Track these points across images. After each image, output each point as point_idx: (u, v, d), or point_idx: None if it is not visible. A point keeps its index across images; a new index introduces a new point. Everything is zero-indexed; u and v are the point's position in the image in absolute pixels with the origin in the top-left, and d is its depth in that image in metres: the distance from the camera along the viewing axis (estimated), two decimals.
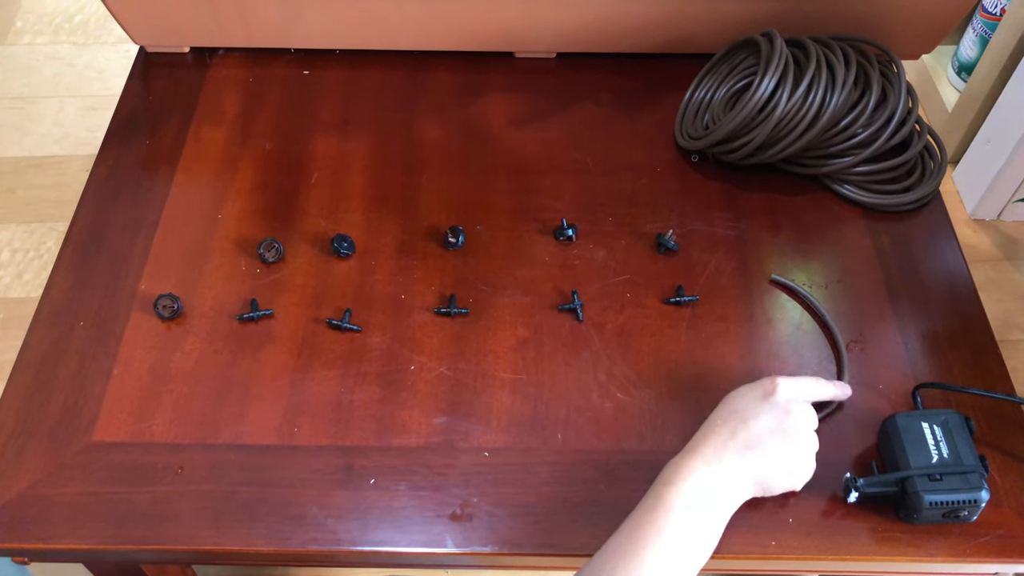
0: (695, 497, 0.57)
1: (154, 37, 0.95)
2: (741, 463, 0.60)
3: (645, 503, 0.58)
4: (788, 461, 0.61)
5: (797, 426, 0.62)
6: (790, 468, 0.62)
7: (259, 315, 0.74)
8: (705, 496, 0.58)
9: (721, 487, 0.59)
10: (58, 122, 1.61)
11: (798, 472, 0.62)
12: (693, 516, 0.57)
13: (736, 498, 0.60)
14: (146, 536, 0.62)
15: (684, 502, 0.57)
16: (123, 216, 0.81)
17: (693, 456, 0.60)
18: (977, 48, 1.48)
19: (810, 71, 0.77)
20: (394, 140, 0.88)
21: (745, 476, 0.60)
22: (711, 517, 0.58)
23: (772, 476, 0.61)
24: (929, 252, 0.80)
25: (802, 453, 0.62)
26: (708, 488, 0.58)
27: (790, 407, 0.62)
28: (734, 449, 0.60)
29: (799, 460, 0.62)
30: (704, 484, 0.58)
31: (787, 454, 0.61)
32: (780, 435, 0.61)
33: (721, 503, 0.59)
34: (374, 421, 0.68)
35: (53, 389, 0.69)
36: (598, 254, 0.79)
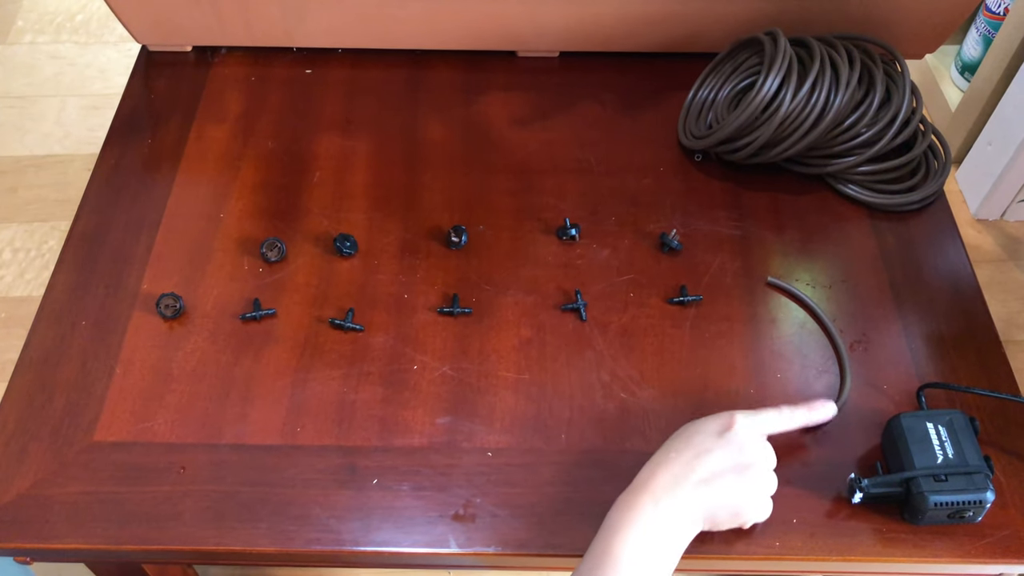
0: (643, 544, 0.55)
1: (156, 36, 0.94)
2: (693, 498, 0.57)
3: (594, 551, 0.56)
4: (741, 499, 0.59)
5: (753, 464, 0.60)
6: (742, 507, 0.60)
7: (261, 315, 0.73)
8: (654, 540, 0.56)
9: (670, 527, 0.57)
10: (60, 121, 1.61)
11: (750, 511, 0.60)
12: (641, 567, 0.55)
13: (686, 535, 0.58)
14: (148, 536, 0.62)
15: (632, 553, 0.55)
16: (125, 215, 0.81)
17: (642, 493, 0.57)
18: (980, 48, 1.48)
19: (814, 70, 0.77)
20: (397, 139, 0.88)
21: (696, 511, 0.58)
22: (661, 561, 0.56)
23: (723, 513, 0.59)
24: (933, 252, 0.80)
25: (756, 492, 0.60)
26: (657, 530, 0.56)
27: (746, 445, 0.60)
28: (687, 485, 0.58)
29: (752, 499, 0.60)
30: (653, 526, 0.56)
31: (740, 492, 0.59)
32: (735, 473, 0.59)
33: (670, 544, 0.57)
34: (377, 421, 0.68)
35: (55, 389, 0.69)
36: (601, 254, 0.79)
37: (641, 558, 0.55)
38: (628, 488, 0.59)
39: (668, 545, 0.57)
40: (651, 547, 0.56)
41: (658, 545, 0.56)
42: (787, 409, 0.64)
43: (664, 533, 0.57)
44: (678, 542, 0.58)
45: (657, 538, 0.56)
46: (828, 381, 0.71)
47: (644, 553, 0.56)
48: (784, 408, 0.64)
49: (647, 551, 0.56)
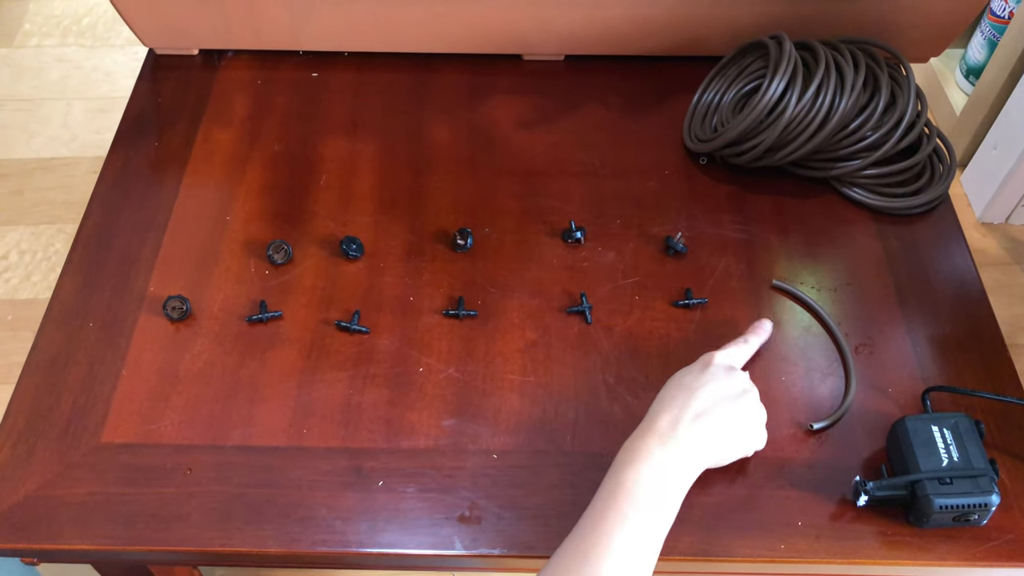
0: (654, 478, 0.58)
1: (163, 39, 0.95)
2: (694, 433, 0.60)
3: (605, 488, 0.58)
4: (738, 426, 0.63)
5: (743, 392, 0.64)
6: (740, 433, 0.63)
7: (268, 317, 0.74)
8: (663, 475, 0.59)
9: (678, 462, 0.59)
10: (66, 124, 1.62)
11: (748, 437, 0.64)
12: (654, 497, 0.58)
13: (692, 471, 0.60)
14: (154, 537, 0.62)
15: (644, 484, 0.58)
16: (132, 218, 0.81)
17: (648, 435, 0.60)
18: (985, 51, 1.48)
19: (819, 74, 0.77)
20: (402, 142, 0.88)
21: (699, 447, 0.60)
22: (670, 494, 0.59)
23: (723, 442, 0.62)
24: (938, 255, 0.80)
25: (751, 418, 0.64)
26: (665, 466, 0.59)
27: (731, 376, 0.64)
28: (685, 421, 0.61)
29: (748, 424, 0.63)
30: (661, 463, 0.59)
31: (736, 419, 0.62)
32: (727, 401, 0.62)
33: (679, 479, 0.59)
34: (383, 423, 0.68)
35: (62, 390, 0.69)
36: (606, 256, 0.79)
37: (654, 490, 0.58)
38: (632, 436, 0.61)
39: (677, 480, 0.59)
40: (662, 481, 0.58)
41: (668, 479, 0.59)
42: (744, 338, 0.70)
43: (672, 471, 0.59)
44: (685, 477, 0.60)
45: (667, 472, 0.59)
46: (833, 384, 0.71)
47: (656, 485, 0.58)
48: (744, 338, 0.70)
49: (658, 484, 0.58)
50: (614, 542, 0.55)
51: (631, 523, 0.56)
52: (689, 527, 0.63)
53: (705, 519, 0.64)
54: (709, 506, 0.64)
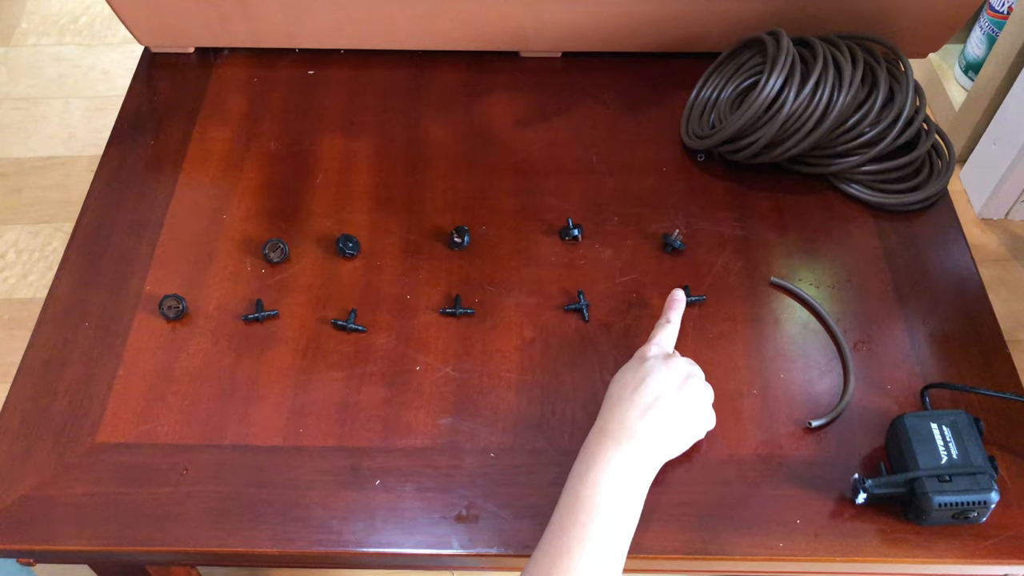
0: (613, 484, 0.58)
1: (159, 38, 0.95)
2: (646, 429, 0.60)
3: (565, 501, 0.58)
4: (688, 412, 0.63)
5: (685, 376, 0.64)
6: (691, 419, 0.63)
7: (264, 316, 0.73)
8: (621, 478, 0.59)
9: (634, 462, 0.60)
10: (63, 123, 1.62)
11: (699, 421, 0.64)
12: (614, 503, 0.58)
13: (650, 467, 0.61)
14: (151, 537, 0.62)
15: (603, 493, 0.58)
16: (128, 217, 0.81)
17: (601, 440, 0.60)
18: (984, 47, 1.48)
19: (817, 70, 0.77)
20: (399, 140, 0.88)
21: (653, 441, 0.61)
22: (631, 496, 0.59)
23: (677, 432, 0.62)
24: (937, 251, 0.80)
25: (699, 400, 0.64)
26: (623, 468, 0.59)
27: (670, 361, 0.64)
28: (634, 417, 0.61)
29: (697, 408, 0.64)
30: (618, 466, 0.59)
31: (685, 405, 0.63)
32: (673, 390, 0.62)
33: (637, 478, 0.60)
34: (380, 422, 0.68)
35: (58, 390, 0.69)
36: (604, 254, 0.79)
37: (614, 499, 0.58)
38: (585, 443, 0.61)
39: (635, 483, 0.59)
40: (619, 487, 0.58)
41: (626, 485, 0.59)
42: (666, 319, 0.69)
43: (629, 471, 0.59)
44: (644, 477, 0.60)
45: (624, 478, 0.59)
46: (832, 381, 0.71)
47: (616, 493, 0.58)
48: (665, 320, 0.69)
49: (618, 491, 0.58)
50: (580, 554, 0.55)
51: (594, 533, 0.56)
52: (687, 526, 0.63)
53: (703, 518, 0.63)
54: (707, 505, 0.64)
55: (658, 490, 0.64)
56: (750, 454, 0.67)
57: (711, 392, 0.66)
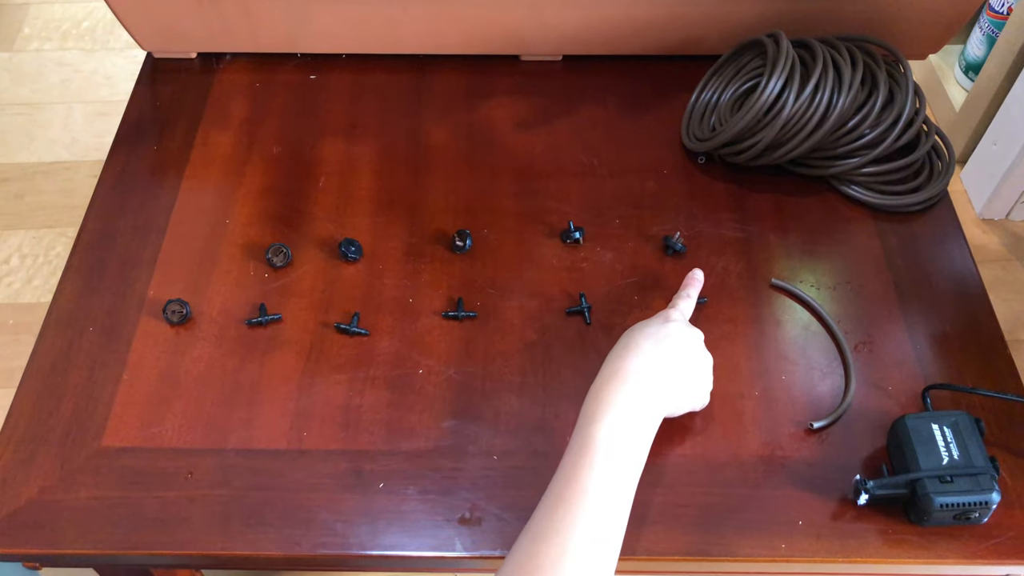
0: (621, 425, 0.58)
1: (161, 43, 0.95)
2: (657, 378, 0.62)
3: (575, 443, 0.59)
4: (695, 377, 0.65)
5: (700, 347, 0.66)
6: (696, 384, 0.66)
7: (267, 320, 0.74)
8: (630, 420, 0.59)
9: (643, 405, 0.60)
10: (66, 128, 1.62)
11: (701, 390, 0.66)
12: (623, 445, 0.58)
13: (656, 414, 0.61)
14: (156, 541, 0.62)
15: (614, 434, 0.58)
16: (132, 221, 0.81)
17: (613, 381, 0.61)
18: (984, 47, 1.48)
19: (816, 72, 0.77)
20: (400, 143, 0.88)
21: (661, 391, 0.62)
22: (639, 440, 0.59)
23: (682, 391, 0.64)
24: (937, 252, 0.80)
25: (706, 371, 0.67)
26: (631, 410, 0.59)
27: (691, 329, 0.67)
28: (650, 365, 0.62)
29: (703, 377, 0.66)
30: (627, 408, 0.59)
31: (694, 370, 0.65)
32: (688, 353, 0.65)
33: (645, 422, 0.60)
34: (383, 425, 0.68)
35: (63, 395, 0.70)
36: (605, 256, 0.79)
37: (621, 440, 0.58)
38: (595, 385, 0.62)
39: (643, 426, 0.60)
40: (628, 430, 0.59)
41: (634, 427, 0.59)
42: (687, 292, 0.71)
43: (638, 414, 0.60)
44: (651, 423, 0.61)
45: (632, 420, 0.59)
46: (833, 382, 0.71)
47: (623, 435, 0.58)
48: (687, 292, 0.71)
49: (625, 434, 0.59)
50: (588, 491, 0.56)
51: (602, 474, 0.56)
52: (689, 527, 0.63)
53: (705, 519, 0.64)
54: (709, 506, 0.64)
55: (660, 491, 0.65)
56: (752, 455, 0.67)
57: (711, 360, 0.68)
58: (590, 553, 0.54)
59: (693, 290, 0.72)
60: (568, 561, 0.53)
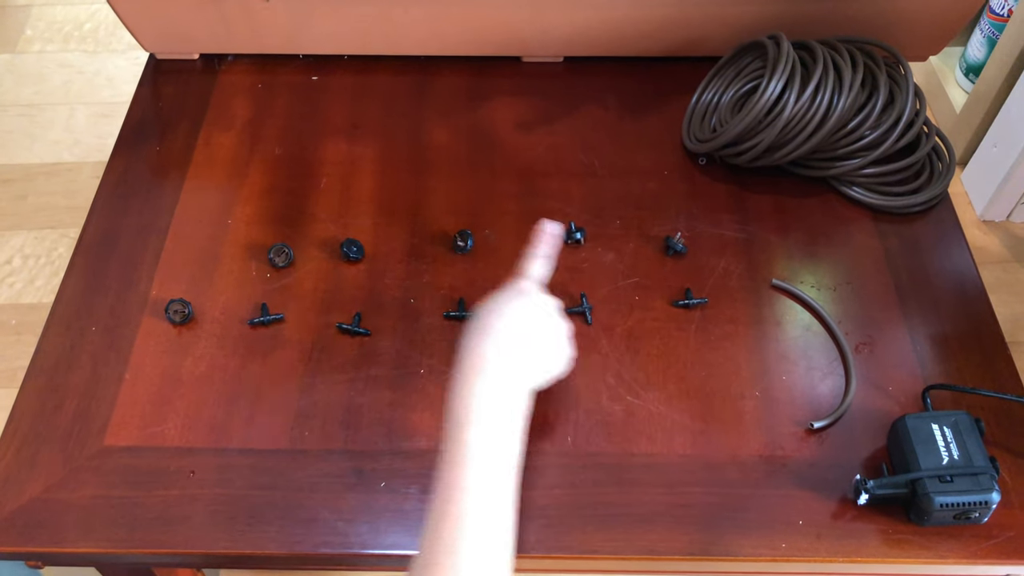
0: (490, 424, 0.57)
1: (164, 44, 0.95)
2: (509, 357, 0.60)
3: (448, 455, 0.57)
4: (549, 347, 0.63)
5: (547, 312, 0.64)
6: (553, 353, 0.63)
7: (269, 320, 0.74)
8: (498, 414, 0.58)
9: (506, 394, 0.59)
10: (69, 129, 1.62)
11: (560, 354, 0.64)
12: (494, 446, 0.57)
13: (520, 398, 0.59)
14: (158, 540, 0.63)
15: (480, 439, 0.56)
16: (134, 222, 0.81)
17: (470, 375, 0.59)
18: (985, 49, 1.48)
19: (817, 73, 0.77)
20: (402, 144, 0.88)
21: (517, 368, 0.60)
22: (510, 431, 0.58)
23: (540, 364, 0.62)
24: (938, 254, 0.80)
25: (559, 336, 0.64)
26: (497, 403, 0.58)
27: (536, 296, 0.64)
28: (499, 346, 0.60)
29: (557, 343, 0.64)
30: (492, 402, 0.58)
31: (547, 341, 0.63)
32: (537, 324, 0.63)
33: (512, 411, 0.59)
34: (384, 425, 0.68)
35: (65, 394, 0.70)
36: (606, 257, 0.79)
37: (490, 441, 0.57)
38: (458, 374, 0.60)
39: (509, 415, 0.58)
40: (495, 425, 0.57)
41: (500, 420, 0.58)
42: (537, 253, 0.68)
43: (502, 404, 0.58)
44: (516, 408, 0.59)
45: (498, 412, 0.58)
46: (833, 383, 0.71)
47: (491, 436, 0.57)
48: (535, 254, 0.68)
49: (493, 432, 0.57)
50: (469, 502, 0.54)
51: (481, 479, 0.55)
52: (690, 526, 0.63)
53: (706, 518, 0.64)
54: (710, 505, 0.64)
55: (660, 491, 0.65)
56: (752, 455, 0.67)
57: (570, 325, 0.65)
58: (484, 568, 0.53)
59: (544, 247, 0.68)
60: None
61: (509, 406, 0.59)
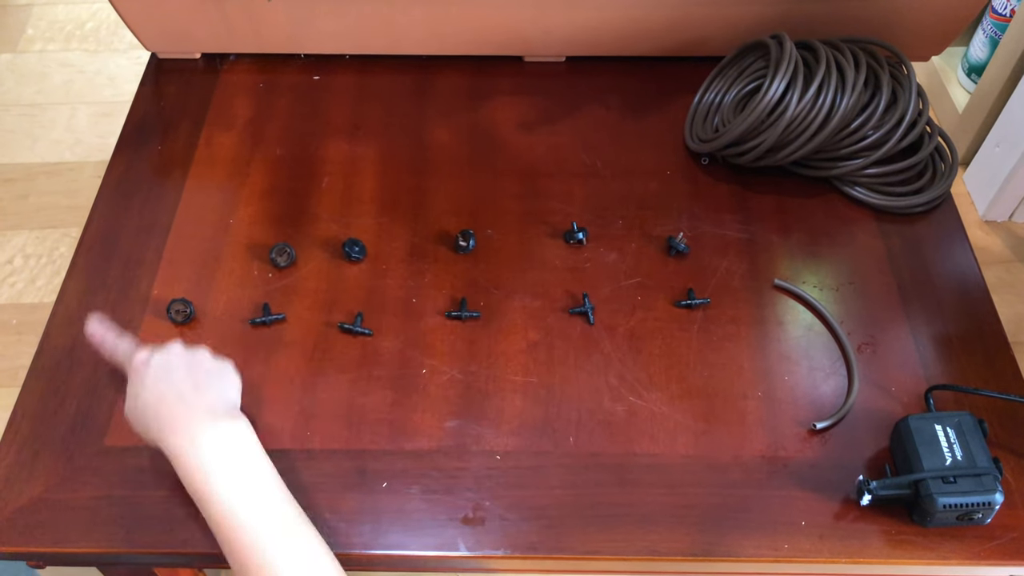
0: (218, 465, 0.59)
1: (166, 43, 0.95)
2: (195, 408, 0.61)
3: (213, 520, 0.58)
4: (206, 375, 0.64)
5: (179, 355, 0.65)
6: (212, 378, 0.64)
7: (271, 319, 0.74)
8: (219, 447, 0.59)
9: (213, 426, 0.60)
10: (70, 128, 1.62)
11: (221, 374, 0.65)
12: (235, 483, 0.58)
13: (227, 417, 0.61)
14: (159, 539, 0.63)
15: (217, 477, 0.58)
16: (136, 221, 0.81)
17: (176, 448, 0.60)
18: (987, 49, 1.48)
19: (820, 73, 0.77)
20: (404, 144, 0.88)
21: (207, 413, 0.61)
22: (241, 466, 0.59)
23: (213, 394, 0.63)
24: (941, 254, 0.80)
25: (202, 362, 0.65)
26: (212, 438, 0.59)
27: (163, 352, 0.65)
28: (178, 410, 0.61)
29: (210, 368, 0.65)
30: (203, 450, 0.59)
31: (197, 372, 0.64)
32: (181, 369, 0.64)
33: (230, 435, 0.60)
34: (386, 425, 0.68)
35: (67, 394, 0.70)
36: (608, 257, 0.79)
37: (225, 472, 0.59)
38: (162, 443, 0.60)
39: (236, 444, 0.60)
40: (225, 461, 0.59)
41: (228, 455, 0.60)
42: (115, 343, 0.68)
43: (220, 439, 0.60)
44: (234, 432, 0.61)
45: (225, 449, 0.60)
46: (836, 383, 0.71)
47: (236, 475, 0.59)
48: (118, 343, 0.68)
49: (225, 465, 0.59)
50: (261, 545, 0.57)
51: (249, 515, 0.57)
52: (692, 527, 0.63)
53: (708, 519, 0.64)
54: (712, 506, 0.64)
55: (662, 491, 0.65)
56: (754, 456, 0.67)
57: (205, 352, 0.66)
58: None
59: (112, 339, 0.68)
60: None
61: (230, 438, 0.60)
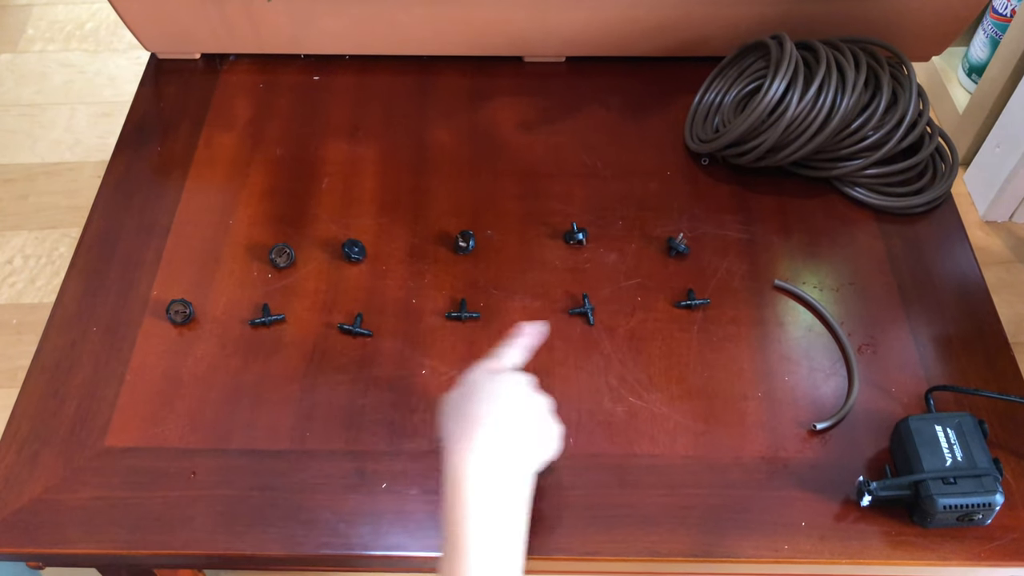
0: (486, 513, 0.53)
1: (165, 44, 0.95)
2: (502, 439, 0.55)
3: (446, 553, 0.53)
4: (535, 422, 0.58)
5: (524, 389, 0.59)
6: (542, 427, 0.58)
7: (271, 320, 0.74)
8: (492, 498, 0.54)
9: (501, 478, 0.54)
10: (70, 129, 1.62)
11: (548, 428, 0.59)
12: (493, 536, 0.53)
13: (518, 479, 0.55)
14: (159, 540, 0.63)
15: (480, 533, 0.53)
16: (135, 222, 0.81)
17: (460, 463, 0.54)
18: (988, 49, 1.48)
19: (820, 74, 0.77)
20: (404, 145, 0.88)
21: (511, 451, 0.55)
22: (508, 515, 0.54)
23: (531, 441, 0.57)
24: (941, 254, 0.80)
25: (541, 410, 0.59)
26: (491, 486, 0.54)
27: (508, 376, 0.60)
28: (486, 428, 0.55)
29: (542, 417, 0.59)
30: (485, 486, 0.54)
31: (529, 415, 0.58)
32: (515, 399, 0.58)
33: (509, 494, 0.54)
34: (386, 425, 0.68)
35: (67, 395, 0.70)
36: (608, 258, 0.79)
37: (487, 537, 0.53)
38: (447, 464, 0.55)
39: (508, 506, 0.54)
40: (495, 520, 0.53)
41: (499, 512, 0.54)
42: (517, 344, 0.63)
43: (498, 491, 0.54)
44: (515, 496, 0.55)
45: (495, 503, 0.54)
46: (836, 384, 0.71)
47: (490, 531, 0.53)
48: (515, 344, 0.63)
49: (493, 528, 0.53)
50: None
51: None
52: (692, 528, 0.63)
53: (708, 520, 0.64)
54: (712, 507, 0.64)
55: (662, 492, 0.65)
56: (755, 457, 0.67)
57: (551, 401, 0.60)
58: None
59: (526, 340, 0.63)
60: None
61: (508, 497, 0.54)
